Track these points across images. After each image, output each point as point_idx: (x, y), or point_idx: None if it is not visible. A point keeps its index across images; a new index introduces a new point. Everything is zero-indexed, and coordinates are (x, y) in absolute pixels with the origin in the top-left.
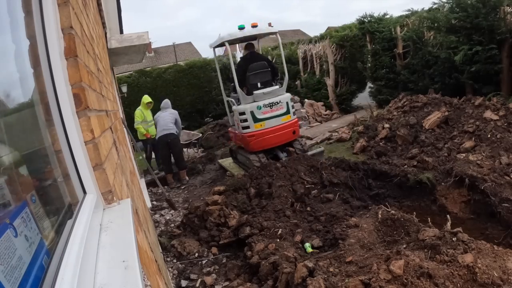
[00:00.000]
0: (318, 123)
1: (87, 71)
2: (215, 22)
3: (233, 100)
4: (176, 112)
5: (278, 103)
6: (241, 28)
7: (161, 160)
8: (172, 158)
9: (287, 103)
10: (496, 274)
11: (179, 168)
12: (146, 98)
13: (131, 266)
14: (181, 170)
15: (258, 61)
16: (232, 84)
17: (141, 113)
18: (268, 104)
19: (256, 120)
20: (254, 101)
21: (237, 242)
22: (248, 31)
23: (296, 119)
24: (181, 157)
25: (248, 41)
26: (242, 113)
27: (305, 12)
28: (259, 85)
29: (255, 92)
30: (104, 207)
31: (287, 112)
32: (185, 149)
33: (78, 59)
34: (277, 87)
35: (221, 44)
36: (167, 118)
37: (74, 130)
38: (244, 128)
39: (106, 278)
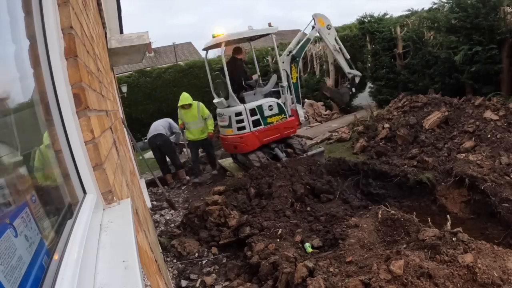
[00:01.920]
0: (318, 123)
1: (87, 71)
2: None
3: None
4: (169, 119)
5: (221, 115)
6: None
7: (157, 162)
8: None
9: (229, 117)
10: (496, 274)
11: (176, 168)
12: (183, 100)
13: (131, 266)
14: (178, 169)
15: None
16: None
17: (179, 112)
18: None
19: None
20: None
21: (237, 242)
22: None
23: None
24: (175, 157)
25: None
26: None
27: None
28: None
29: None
30: (104, 207)
31: (229, 125)
32: (184, 149)
33: (78, 59)
34: (221, 99)
35: (215, 46)
36: (158, 123)
37: (74, 130)
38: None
39: (106, 278)
